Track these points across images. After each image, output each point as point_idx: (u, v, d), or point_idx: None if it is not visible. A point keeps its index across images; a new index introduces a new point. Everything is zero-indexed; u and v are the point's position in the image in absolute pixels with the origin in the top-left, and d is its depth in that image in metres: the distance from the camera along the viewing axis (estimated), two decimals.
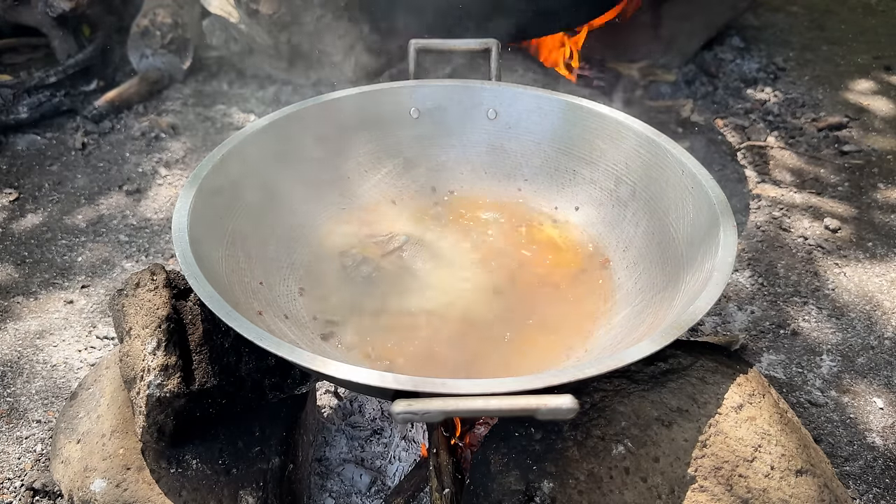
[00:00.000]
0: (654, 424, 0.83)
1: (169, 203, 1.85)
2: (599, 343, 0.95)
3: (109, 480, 0.90)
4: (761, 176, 1.94)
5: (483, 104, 1.20)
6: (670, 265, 0.97)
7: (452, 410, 0.65)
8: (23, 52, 2.41)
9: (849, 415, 1.31)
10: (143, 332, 0.89)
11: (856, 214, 1.81)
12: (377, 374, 0.69)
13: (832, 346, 1.45)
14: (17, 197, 1.88)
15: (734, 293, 1.57)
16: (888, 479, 1.21)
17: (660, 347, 0.74)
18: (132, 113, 2.20)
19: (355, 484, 1.13)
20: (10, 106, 2.09)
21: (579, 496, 0.80)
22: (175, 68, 2.33)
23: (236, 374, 0.94)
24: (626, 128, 1.10)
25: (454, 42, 1.20)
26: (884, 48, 2.59)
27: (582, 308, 1.01)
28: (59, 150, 2.06)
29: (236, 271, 0.96)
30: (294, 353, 0.73)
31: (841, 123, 2.16)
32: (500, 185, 1.22)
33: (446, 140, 1.21)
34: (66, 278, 1.62)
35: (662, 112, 2.17)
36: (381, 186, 1.20)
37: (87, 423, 0.99)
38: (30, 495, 1.16)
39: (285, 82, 2.32)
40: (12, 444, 1.26)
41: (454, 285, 1.04)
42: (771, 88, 2.34)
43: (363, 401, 1.25)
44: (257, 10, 2.12)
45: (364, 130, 1.19)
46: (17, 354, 1.44)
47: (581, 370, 0.70)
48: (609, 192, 1.12)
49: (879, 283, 1.60)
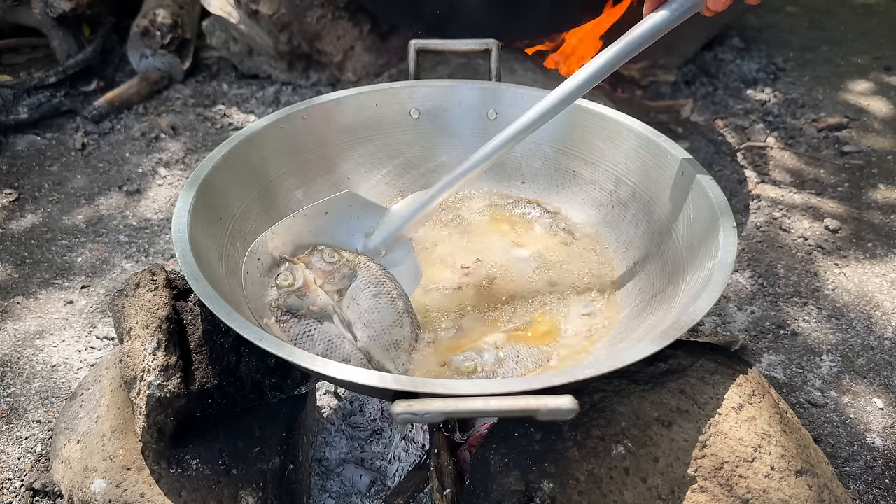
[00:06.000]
0: (653, 425, 0.83)
1: (169, 203, 1.85)
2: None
3: (109, 481, 0.90)
4: (761, 176, 1.94)
5: (483, 104, 1.20)
6: (670, 266, 0.97)
7: (452, 411, 0.65)
8: (23, 52, 2.42)
9: (849, 415, 1.31)
10: (143, 333, 0.89)
11: (856, 215, 1.81)
12: (377, 374, 0.69)
13: (832, 347, 1.45)
14: (16, 197, 1.88)
15: (734, 294, 1.57)
16: (888, 479, 1.21)
17: (660, 348, 0.74)
18: (132, 113, 2.20)
19: (355, 484, 1.13)
20: (10, 106, 2.09)
21: (579, 496, 0.80)
22: (175, 68, 2.33)
23: (236, 375, 0.94)
24: (626, 128, 1.10)
25: (454, 42, 1.20)
26: (884, 48, 2.59)
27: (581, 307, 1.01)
28: (58, 150, 2.06)
29: (236, 271, 0.96)
30: (294, 354, 0.73)
31: (841, 124, 2.16)
32: (499, 185, 1.22)
33: (446, 140, 1.21)
34: (66, 278, 1.62)
35: (662, 112, 2.18)
36: (380, 187, 1.20)
37: (86, 424, 0.99)
38: (30, 496, 1.16)
39: (285, 82, 2.32)
40: (12, 444, 1.26)
41: (453, 284, 1.04)
42: (771, 89, 2.34)
43: (363, 401, 1.25)
44: (257, 10, 2.12)
45: (364, 130, 1.19)
46: (17, 354, 1.44)
47: (581, 370, 0.70)
48: (609, 193, 1.12)
49: (879, 283, 1.60)
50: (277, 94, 2.28)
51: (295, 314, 0.91)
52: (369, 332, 0.92)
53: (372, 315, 0.93)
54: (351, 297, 0.94)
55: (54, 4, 2.21)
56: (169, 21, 2.29)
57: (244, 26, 2.21)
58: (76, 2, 2.22)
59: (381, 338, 0.92)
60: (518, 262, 1.08)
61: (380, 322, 0.93)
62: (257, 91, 2.31)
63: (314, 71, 2.32)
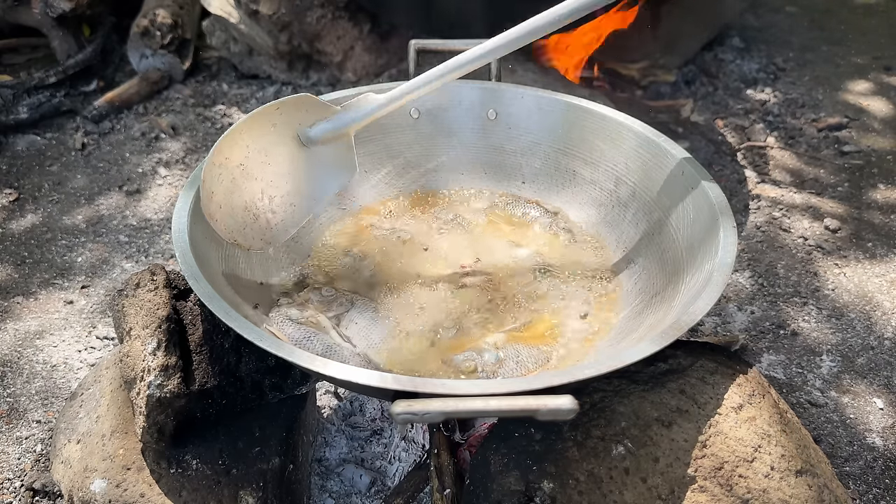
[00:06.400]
0: (653, 425, 0.83)
1: (169, 203, 1.85)
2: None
3: (109, 481, 0.90)
4: (761, 176, 1.94)
5: (483, 104, 1.20)
6: (670, 265, 0.97)
7: (452, 411, 0.65)
8: (23, 52, 2.41)
9: (849, 415, 1.31)
10: (143, 333, 0.89)
11: (855, 215, 1.81)
12: (377, 374, 0.69)
13: (832, 347, 1.45)
14: (16, 197, 1.88)
15: (734, 294, 1.57)
16: (888, 479, 1.21)
17: (660, 348, 0.74)
18: (132, 113, 2.20)
19: (355, 484, 1.13)
20: (10, 106, 2.09)
21: (579, 496, 0.80)
22: (175, 68, 2.33)
23: (236, 375, 0.94)
24: (626, 128, 1.10)
25: (454, 42, 1.20)
26: (884, 48, 2.59)
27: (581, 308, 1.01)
28: (58, 150, 2.06)
29: (236, 271, 0.96)
30: (294, 354, 0.73)
31: (840, 124, 2.16)
32: (499, 185, 1.22)
33: (446, 140, 1.21)
34: (66, 278, 1.62)
35: (662, 112, 2.18)
36: (380, 187, 1.20)
37: (86, 424, 0.99)
38: (30, 495, 1.16)
39: (285, 82, 2.32)
40: (12, 444, 1.26)
41: (454, 284, 1.04)
42: (771, 89, 2.34)
43: (363, 401, 1.25)
44: (257, 11, 2.12)
45: (364, 130, 1.18)
46: (17, 354, 1.44)
47: (581, 370, 0.70)
48: (609, 193, 1.12)
49: (879, 283, 1.60)
50: (277, 94, 2.28)
51: (295, 321, 0.93)
52: (368, 342, 0.94)
53: (371, 329, 0.96)
54: (349, 319, 0.97)
55: (54, 4, 2.21)
56: (169, 21, 2.29)
57: (244, 26, 2.21)
58: (76, 2, 2.22)
59: (379, 346, 0.94)
60: (518, 262, 1.08)
61: (379, 335, 0.96)
62: (257, 91, 2.31)
63: (314, 71, 2.32)
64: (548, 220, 1.15)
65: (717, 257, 0.85)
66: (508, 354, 0.92)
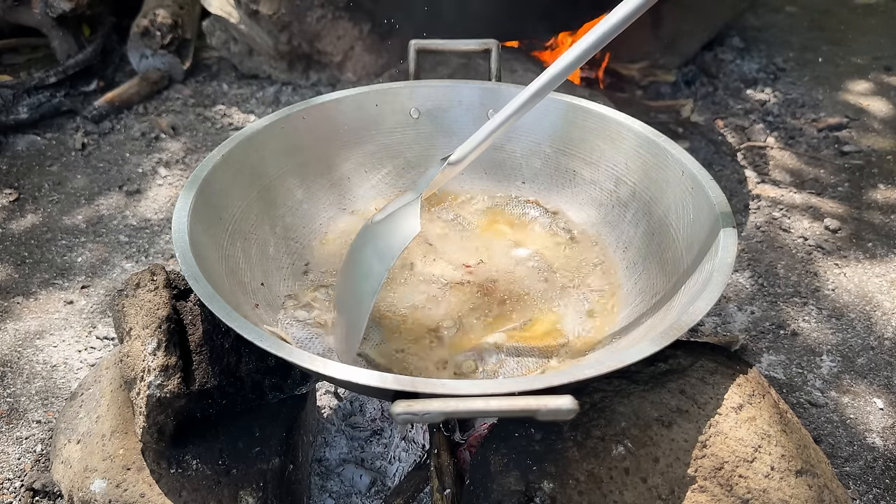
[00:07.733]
0: (654, 425, 0.83)
1: (169, 203, 1.85)
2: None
3: (109, 481, 0.90)
4: (761, 176, 1.94)
5: (483, 104, 1.19)
6: (670, 266, 0.97)
7: (452, 411, 0.65)
8: (23, 52, 2.41)
9: (849, 415, 1.31)
10: (143, 333, 0.89)
11: (856, 215, 1.81)
12: (377, 374, 0.69)
13: (832, 347, 1.45)
14: (16, 197, 1.88)
15: (734, 294, 1.57)
16: (888, 479, 1.21)
17: (660, 348, 0.73)
18: (132, 113, 2.20)
19: (355, 484, 1.13)
20: (10, 106, 2.09)
21: (579, 497, 0.80)
22: (175, 68, 2.33)
23: (236, 375, 0.94)
24: (626, 128, 1.10)
25: (454, 42, 1.20)
26: (884, 48, 2.59)
27: (581, 307, 1.01)
28: (58, 150, 2.06)
29: (236, 271, 0.96)
30: (294, 354, 0.73)
31: (841, 124, 2.16)
32: (499, 185, 1.22)
33: (446, 140, 1.21)
34: (66, 278, 1.62)
35: (662, 112, 2.18)
36: (380, 187, 1.20)
37: (86, 424, 0.99)
38: (30, 496, 1.16)
39: (285, 83, 2.32)
40: (12, 444, 1.26)
41: (455, 283, 1.04)
42: (771, 89, 2.34)
43: (363, 401, 1.25)
44: (257, 11, 2.12)
45: (364, 131, 1.19)
46: (17, 354, 1.44)
47: (581, 370, 0.70)
48: (609, 193, 1.12)
49: (879, 283, 1.60)
50: (277, 94, 2.28)
51: (302, 322, 0.94)
52: (369, 342, 0.94)
53: (372, 329, 0.96)
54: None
55: (54, 4, 2.21)
56: (169, 21, 2.29)
57: (244, 26, 2.21)
58: (76, 2, 2.22)
59: (380, 346, 0.94)
60: (518, 262, 1.08)
61: (379, 335, 0.96)
62: (257, 91, 2.31)
63: (314, 71, 2.32)
64: (548, 220, 1.15)
65: (717, 257, 0.85)
66: (509, 354, 0.93)
